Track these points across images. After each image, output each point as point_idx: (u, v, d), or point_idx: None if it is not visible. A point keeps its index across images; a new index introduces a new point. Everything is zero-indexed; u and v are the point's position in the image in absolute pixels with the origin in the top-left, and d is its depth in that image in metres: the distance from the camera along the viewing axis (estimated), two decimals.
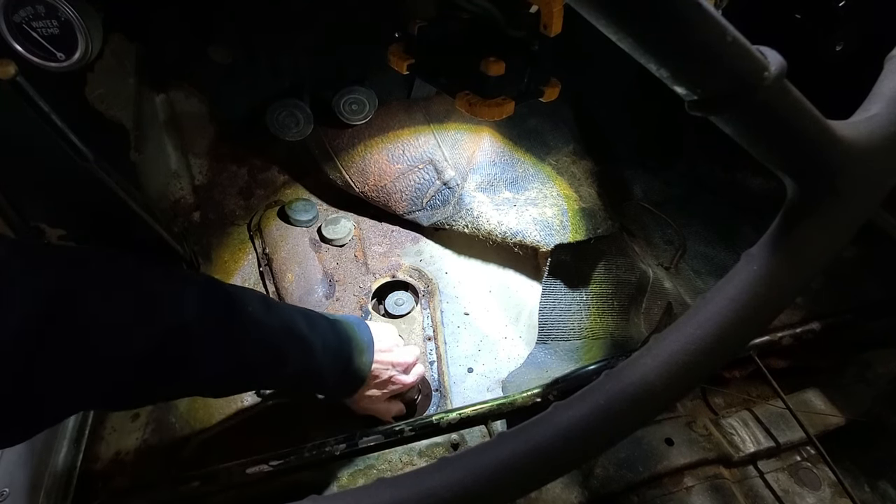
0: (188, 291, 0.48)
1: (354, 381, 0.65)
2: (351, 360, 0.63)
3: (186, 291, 0.47)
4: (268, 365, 0.54)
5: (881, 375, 0.78)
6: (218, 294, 0.51)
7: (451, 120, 1.06)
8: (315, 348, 0.58)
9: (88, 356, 0.40)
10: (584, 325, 0.92)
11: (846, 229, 0.30)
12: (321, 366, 0.59)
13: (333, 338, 0.62)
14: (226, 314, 0.50)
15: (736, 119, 0.26)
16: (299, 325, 0.57)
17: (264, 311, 0.53)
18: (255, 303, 0.53)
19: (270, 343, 0.53)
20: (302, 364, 0.57)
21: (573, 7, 0.22)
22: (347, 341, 0.64)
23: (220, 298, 0.50)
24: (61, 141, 0.66)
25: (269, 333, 0.53)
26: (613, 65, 0.99)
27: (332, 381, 0.62)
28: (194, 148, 1.02)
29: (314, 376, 0.59)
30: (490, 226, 0.96)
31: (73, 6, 0.61)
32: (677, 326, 0.30)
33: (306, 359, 0.57)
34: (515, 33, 0.57)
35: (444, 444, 0.70)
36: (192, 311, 0.46)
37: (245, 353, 0.51)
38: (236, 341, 0.50)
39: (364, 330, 0.67)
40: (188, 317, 0.46)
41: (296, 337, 0.56)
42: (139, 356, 0.43)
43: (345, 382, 0.64)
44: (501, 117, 0.61)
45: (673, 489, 0.63)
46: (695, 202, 1.14)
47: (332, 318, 0.65)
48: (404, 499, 0.27)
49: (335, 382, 0.63)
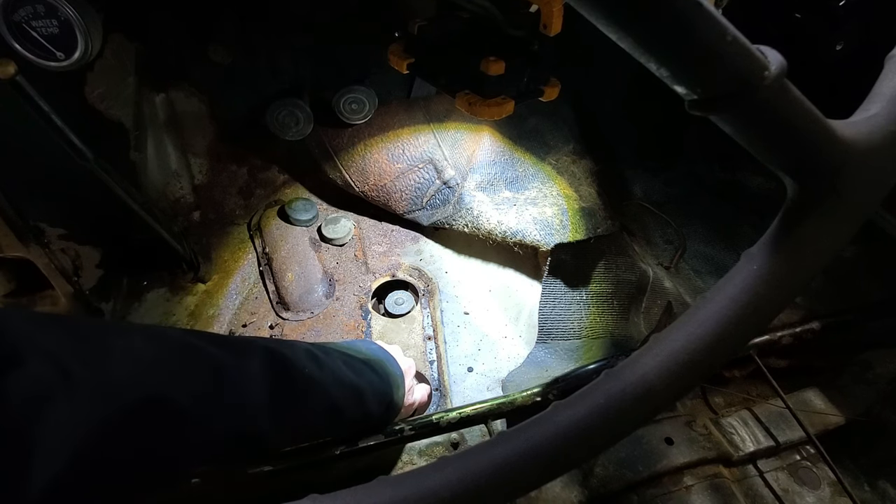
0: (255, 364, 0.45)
1: (394, 414, 0.67)
2: (392, 398, 0.64)
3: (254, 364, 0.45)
4: (326, 421, 0.54)
5: (881, 375, 0.78)
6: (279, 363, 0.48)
7: (451, 119, 1.06)
8: (366, 396, 0.58)
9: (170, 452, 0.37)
10: (584, 324, 0.92)
11: (846, 229, 0.30)
12: (371, 409, 0.60)
13: (378, 381, 0.62)
14: (288, 381, 0.48)
15: (736, 119, 0.26)
16: (346, 374, 0.57)
17: (317, 370, 0.52)
18: (307, 361, 0.51)
19: (326, 401, 0.52)
20: (356, 412, 0.57)
21: (573, 7, 0.22)
22: (388, 377, 0.64)
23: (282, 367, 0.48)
24: (61, 140, 0.66)
25: (323, 392, 0.52)
26: (613, 64, 0.99)
27: (377, 418, 0.63)
28: (194, 147, 1.02)
29: (365, 419, 0.60)
30: (490, 225, 0.96)
31: (72, 5, 0.61)
32: (677, 326, 0.30)
33: (359, 406, 0.58)
34: (515, 33, 0.57)
35: (444, 443, 0.70)
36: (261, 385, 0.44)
37: (307, 418, 0.51)
38: (299, 410, 0.49)
39: (394, 364, 0.67)
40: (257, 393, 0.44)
41: (347, 389, 0.56)
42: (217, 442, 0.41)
43: (387, 416, 0.66)
44: (501, 117, 0.61)
45: (673, 488, 0.63)
46: (695, 202, 1.14)
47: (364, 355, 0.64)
48: (404, 498, 0.27)
49: (380, 419, 0.64)
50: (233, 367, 0.43)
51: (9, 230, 0.73)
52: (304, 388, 0.49)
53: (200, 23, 0.87)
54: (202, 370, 0.40)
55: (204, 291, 0.96)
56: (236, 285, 0.97)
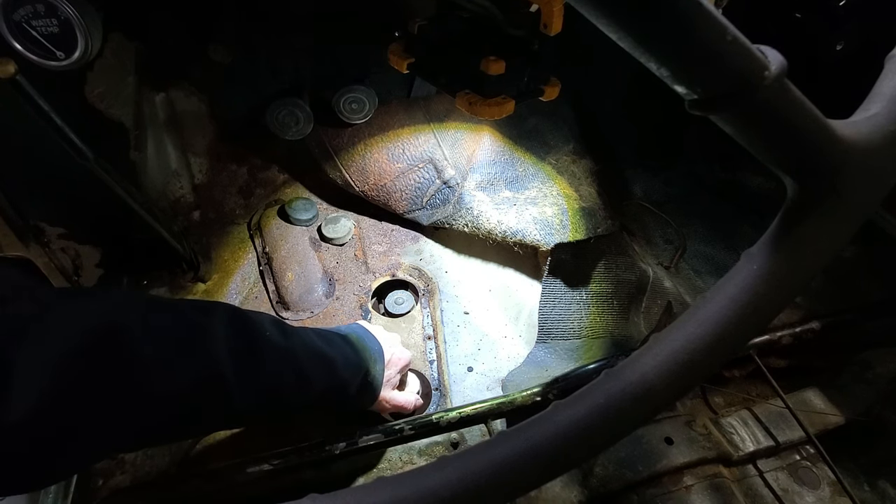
0: (217, 320, 0.47)
1: (374, 390, 0.66)
2: (368, 371, 0.64)
3: (216, 320, 0.47)
4: (294, 387, 0.53)
5: (881, 375, 0.78)
6: (241, 321, 0.50)
7: (451, 119, 1.06)
8: (336, 364, 0.58)
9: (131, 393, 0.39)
10: (583, 324, 0.92)
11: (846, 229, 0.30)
12: (344, 380, 0.59)
13: (351, 351, 0.62)
14: (251, 342, 0.49)
15: (736, 118, 0.26)
16: (316, 343, 0.57)
17: (280, 336, 0.53)
18: (271, 327, 0.52)
19: (293, 366, 0.53)
20: (327, 381, 0.57)
21: (573, 6, 0.22)
22: (363, 351, 0.65)
23: (244, 326, 0.50)
24: (61, 140, 0.66)
25: (291, 357, 0.53)
26: (613, 64, 0.99)
27: (354, 392, 0.62)
28: (194, 147, 1.02)
29: (339, 392, 0.60)
30: (490, 225, 0.96)
31: (72, 5, 0.61)
32: (677, 325, 0.30)
33: (330, 376, 0.57)
34: (515, 32, 0.57)
35: (443, 442, 0.70)
36: (223, 340, 0.46)
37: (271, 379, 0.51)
38: (262, 368, 0.50)
39: (373, 340, 0.68)
40: (220, 347, 0.45)
41: (316, 356, 0.56)
42: (181, 390, 0.42)
43: (366, 392, 0.65)
44: (501, 116, 0.61)
45: (672, 488, 0.63)
46: (695, 202, 1.14)
47: (343, 332, 0.66)
48: (404, 497, 0.27)
49: (358, 394, 0.63)
50: (194, 316, 0.46)
51: (9, 230, 0.73)
52: (265, 348, 0.50)
53: (200, 23, 0.87)
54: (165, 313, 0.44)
55: (204, 291, 0.96)
56: (236, 285, 0.97)
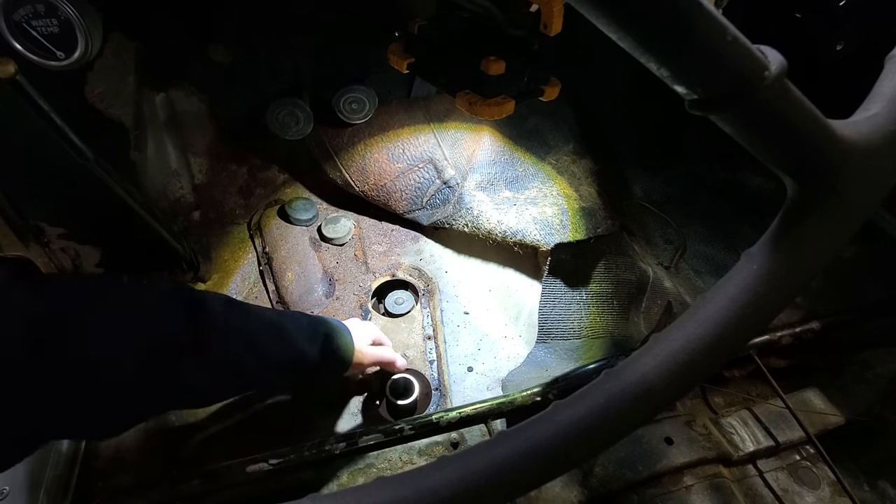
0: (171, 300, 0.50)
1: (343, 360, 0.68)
2: (331, 338, 0.65)
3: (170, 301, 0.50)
4: (248, 357, 0.55)
5: (881, 375, 0.78)
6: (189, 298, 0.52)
7: (452, 119, 1.06)
8: (287, 330, 0.60)
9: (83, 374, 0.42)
10: (583, 324, 0.92)
11: (846, 229, 0.30)
12: (301, 347, 0.61)
13: (306, 320, 0.64)
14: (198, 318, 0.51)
15: (736, 118, 0.26)
16: (267, 313, 0.60)
17: (225, 307, 0.55)
18: (216, 303, 0.54)
19: (242, 336, 0.54)
20: (282, 348, 0.58)
21: (573, 6, 0.22)
22: (319, 321, 0.66)
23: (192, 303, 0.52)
24: (61, 140, 0.66)
25: (238, 328, 0.55)
26: (613, 64, 0.99)
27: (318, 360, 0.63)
28: (194, 147, 1.02)
29: (300, 361, 0.61)
30: (490, 225, 0.96)
31: (72, 5, 0.61)
32: (677, 325, 0.30)
33: (283, 344, 0.59)
34: (515, 32, 0.57)
35: (443, 443, 0.70)
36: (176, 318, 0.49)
37: (220, 351, 0.52)
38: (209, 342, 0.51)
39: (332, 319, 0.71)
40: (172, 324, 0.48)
41: (264, 324, 0.58)
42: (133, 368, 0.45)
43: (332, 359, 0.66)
44: (501, 116, 0.61)
45: (672, 488, 0.63)
46: (695, 202, 1.14)
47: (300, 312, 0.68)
48: (404, 497, 0.27)
49: (324, 361, 0.64)
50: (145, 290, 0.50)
51: (9, 229, 0.73)
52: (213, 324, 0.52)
53: (200, 22, 0.87)
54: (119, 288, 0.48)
55: (204, 291, 0.96)
56: (236, 285, 0.97)
